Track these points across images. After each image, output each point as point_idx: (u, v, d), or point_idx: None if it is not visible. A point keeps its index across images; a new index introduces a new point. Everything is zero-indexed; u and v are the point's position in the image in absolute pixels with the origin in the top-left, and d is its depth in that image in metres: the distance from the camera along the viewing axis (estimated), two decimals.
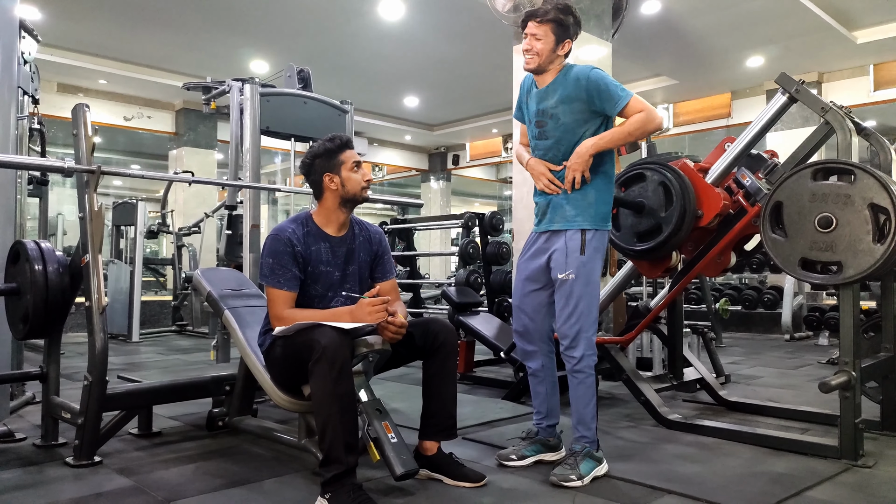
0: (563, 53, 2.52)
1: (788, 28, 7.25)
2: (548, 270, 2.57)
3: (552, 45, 2.49)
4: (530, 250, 2.65)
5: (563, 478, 2.37)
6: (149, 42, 8.01)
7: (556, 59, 2.52)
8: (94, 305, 2.63)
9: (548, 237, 2.59)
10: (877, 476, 2.49)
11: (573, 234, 2.49)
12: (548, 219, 2.59)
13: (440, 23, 7.29)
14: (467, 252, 5.52)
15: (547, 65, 2.52)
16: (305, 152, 2.58)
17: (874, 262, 2.53)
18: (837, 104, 2.87)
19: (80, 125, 2.74)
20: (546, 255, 2.57)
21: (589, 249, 2.48)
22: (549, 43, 2.49)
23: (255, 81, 4.16)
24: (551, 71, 2.54)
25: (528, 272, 2.65)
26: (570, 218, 2.50)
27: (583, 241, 2.47)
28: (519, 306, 2.69)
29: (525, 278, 2.66)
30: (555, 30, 2.48)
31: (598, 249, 2.51)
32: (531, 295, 2.65)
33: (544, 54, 2.50)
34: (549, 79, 2.54)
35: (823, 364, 5.47)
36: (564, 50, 2.52)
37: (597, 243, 2.50)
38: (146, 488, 2.33)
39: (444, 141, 13.77)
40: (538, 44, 2.49)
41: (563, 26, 2.49)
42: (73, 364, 5.15)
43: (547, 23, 2.48)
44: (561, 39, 2.50)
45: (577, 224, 2.49)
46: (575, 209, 2.50)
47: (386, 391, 4.02)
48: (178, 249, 8.39)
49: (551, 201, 2.56)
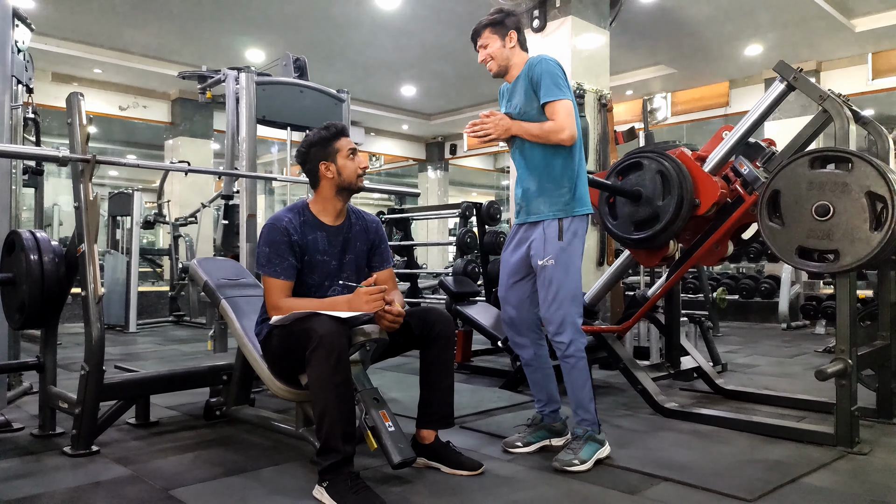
0: (513, 44, 2.63)
1: (786, 16, 7.23)
2: (528, 260, 2.60)
3: (498, 44, 2.62)
4: (512, 242, 2.70)
5: (567, 463, 2.39)
6: (144, 31, 7.96)
7: (511, 54, 2.63)
8: (90, 296, 2.63)
9: (527, 228, 2.63)
10: (872, 463, 2.51)
11: (550, 223, 2.53)
12: (525, 210, 2.63)
13: (437, 11, 7.25)
14: (465, 242, 5.52)
15: (504, 62, 2.63)
16: (301, 141, 2.57)
17: (871, 250, 2.53)
18: (835, 92, 2.86)
19: (75, 114, 2.72)
20: (526, 245, 2.61)
21: (567, 235, 2.51)
22: (494, 44, 2.62)
23: (251, 70, 4.14)
24: (515, 66, 2.64)
25: (510, 265, 2.69)
26: (546, 209, 2.55)
27: (560, 228, 2.51)
28: (505, 298, 2.73)
29: (508, 271, 2.70)
30: (493, 31, 2.62)
31: (577, 234, 2.54)
32: (515, 286, 2.69)
33: (496, 55, 2.63)
34: (516, 73, 2.64)
35: (820, 353, 5.50)
36: (512, 41, 2.63)
37: (575, 228, 2.53)
38: (144, 477, 2.34)
39: (442, 130, 13.74)
40: (488, 50, 2.63)
41: (498, 24, 2.62)
42: (70, 354, 5.16)
43: (484, 30, 2.64)
44: (503, 35, 2.62)
45: (552, 214, 2.53)
46: (550, 200, 2.54)
47: (383, 380, 4.03)
48: (174, 239, 8.37)
49: (525, 193, 2.61)
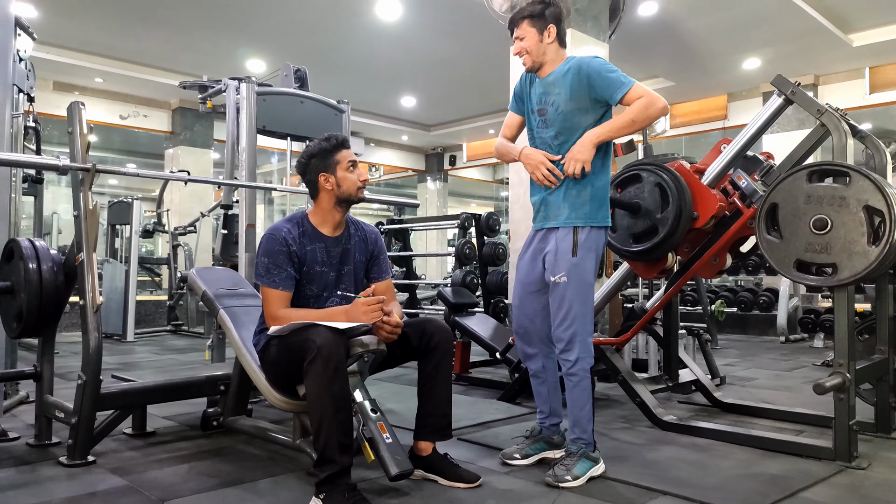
0: (551, 40, 2.56)
1: (785, 31, 7.27)
2: (543, 273, 2.57)
3: (536, 37, 2.55)
4: (528, 250, 2.66)
5: (559, 478, 2.37)
6: (145, 40, 7.99)
7: (548, 49, 2.57)
8: (88, 304, 2.62)
9: (543, 235, 2.60)
10: (871, 478, 2.50)
11: (565, 234, 2.49)
12: (542, 216, 2.60)
13: (437, 23, 7.29)
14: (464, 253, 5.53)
15: (541, 57, 2.57)
16: (301, 152, 2.58)
17: (869, 264, 2.53)
18: (833, 107, 2.88)
19: (76, 123, 2.73)
20: (541, 256, 2.58)
21: (581, 251, 2.47)
22: (532, 37, 2.55)
23: (251, 80, 4.15)
24: (550, 62, 2.58)
25: (526, 275, 2.65)
26: (564, 215, 2.51)
27: (574, 242, 2.47)
28: (519, 308, 2.69)
29: (524, 281, 2.66)
30: (532, 24, 2.55)
31: (592, 249, 2.49)
32: (530, 297, 2.65)
33: (533, 49, 2.56)
34: (550, 69, 2.58)
35: (818, 366, 5.49)
36: (551, 36, 2.56)
37: (590, 243, 2.49)
38: (140, 488, 2.32)
39: (441, 141, 13.77)
40: (524, 43, 2.57)
41: (538, 17, 2.55)
42: (67, 363, 5.13)
43: (522, 21, 2.56)
44: (542, 29, 2.55)
45: (570, 222, 2.49)
46: (569, 206, 2.50)
47: (381, 391, 4.02)
48: (173, 249, 8.37)
49: (545, 199, 2.57)
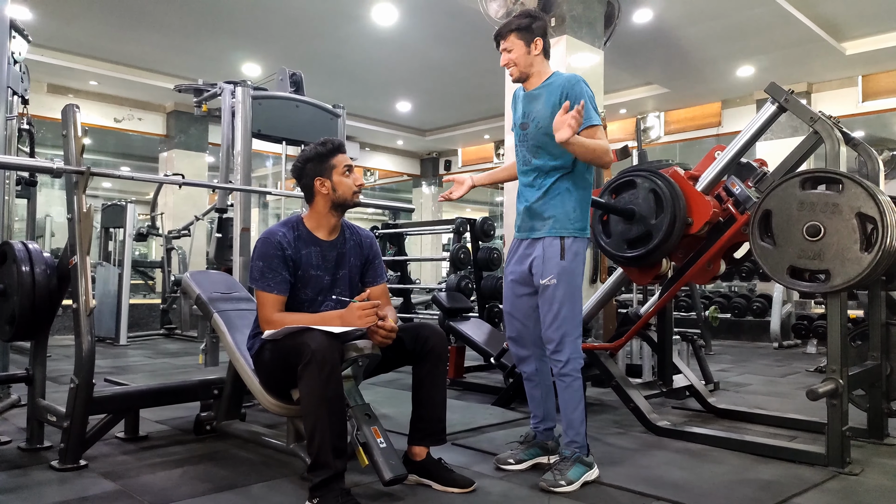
0: (538, 52, 2.58)
1: (778, 39, 7.32)
2: (532, 276, 2.58)
3: (523, 49, 2.56)
4: (514, 256, 2.68)
5: (553, 483, 2.36)
6: (140, 43, 7.98)
7: (534, 61, 2.58)
8: (81, 307, 2.61)
9: (528, 244, 2.61)
10: (863, 484, 2.51)
11: (551, 241, 2.51)
12: (527, 226, 2.61)
13: (433, 28, 7.31)
14: (458, 257, 5.52)
15: (528, 68, 2.59)
16: (297, 156, 2.58)
17: (861, 270, 2.55)
18: (826, 114, 2.90)
19: (70, 126, 2.72)
20: (528, 261, 2.59)
21: (569, 254, 2.50)
22: (520, 49, 2.56)
23: (247, 84, 4.15)
24: (536, 74, 2.60)
25: (515, 277, 2.66)
26: (548, 225, 2.53)
27: (562, 247, 2.49)
28: (510, 312, 2.70)
29: (514, 283, 2.67)
30: (520, 36, 2.56)
31: (578, 254, 2.53)
32: (521, 300, 2.66)
33: (520, 61, 2.58)
34: (536, 82, 2.60)
35: (811, 372, 5.51)
36: (538, 49, 2.58)
37: (577, 248, 2.52)
38: (132, 492, 2.31)
39: (436, 146, 13.78)
40: (511, 55, 2.58)
41: (525, 30, 2.56)
42: (59, 367, 5.11)
43: (510, 34, 2.57)
44: (529, 41, 2.56)
45: (554, 231, 2.52)
46: (553, 217, 2.52)
47: (375, 396, 4.01)
48: (167, 252, 8.35)
49: (529, 208, 2.59)
